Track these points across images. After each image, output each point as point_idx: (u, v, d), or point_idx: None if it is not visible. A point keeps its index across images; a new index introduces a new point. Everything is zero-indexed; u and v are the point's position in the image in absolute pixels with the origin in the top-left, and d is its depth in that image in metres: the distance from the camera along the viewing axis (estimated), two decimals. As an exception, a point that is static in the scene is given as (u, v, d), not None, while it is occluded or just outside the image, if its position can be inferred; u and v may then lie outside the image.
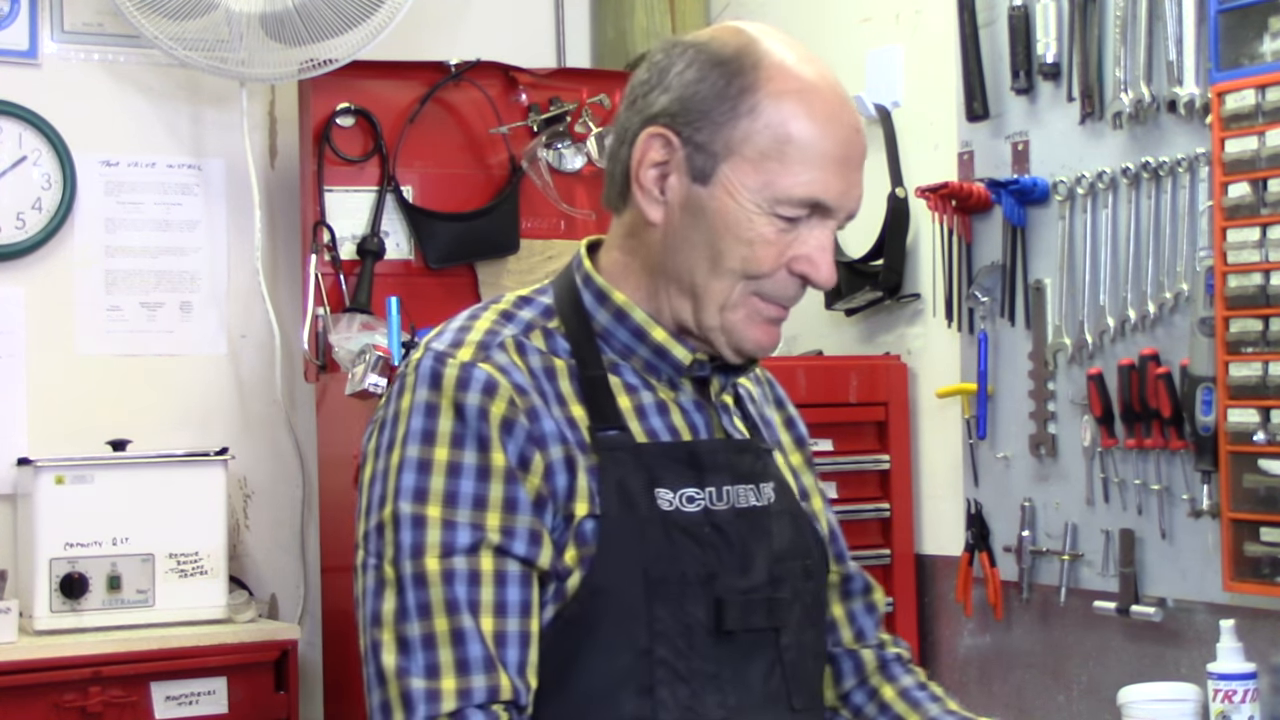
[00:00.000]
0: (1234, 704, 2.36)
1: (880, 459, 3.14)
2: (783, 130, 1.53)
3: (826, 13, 3.45)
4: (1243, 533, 2.42)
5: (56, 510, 3.15)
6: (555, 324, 1.59)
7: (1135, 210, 2.66)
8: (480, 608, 1.46)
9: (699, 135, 1.54)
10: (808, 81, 1.55)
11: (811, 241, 1.55)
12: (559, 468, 1.50)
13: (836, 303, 3.28)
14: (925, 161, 3.13)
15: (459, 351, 1.52)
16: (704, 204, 1.55)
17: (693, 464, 1.56)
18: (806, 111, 1.53)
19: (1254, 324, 2.39)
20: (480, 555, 1.47)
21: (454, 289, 3.61)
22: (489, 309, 1.60)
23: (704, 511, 1.54)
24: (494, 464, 1.48)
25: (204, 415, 3.58)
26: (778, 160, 1.53)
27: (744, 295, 1.56)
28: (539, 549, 1.48)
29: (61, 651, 3.04)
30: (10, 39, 3.45)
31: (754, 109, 1.53)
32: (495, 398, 1.50)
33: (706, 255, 1.55)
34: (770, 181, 1.53)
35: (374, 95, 3.59)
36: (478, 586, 1.46)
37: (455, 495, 1.48)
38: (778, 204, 1.53)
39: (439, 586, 1.45)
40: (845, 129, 1.55)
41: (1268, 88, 2.37)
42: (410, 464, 1.49)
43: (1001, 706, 2.95)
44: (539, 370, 1.54)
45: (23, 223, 3.43)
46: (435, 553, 1.46)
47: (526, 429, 1.50)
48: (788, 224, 1.54)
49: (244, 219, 3.59)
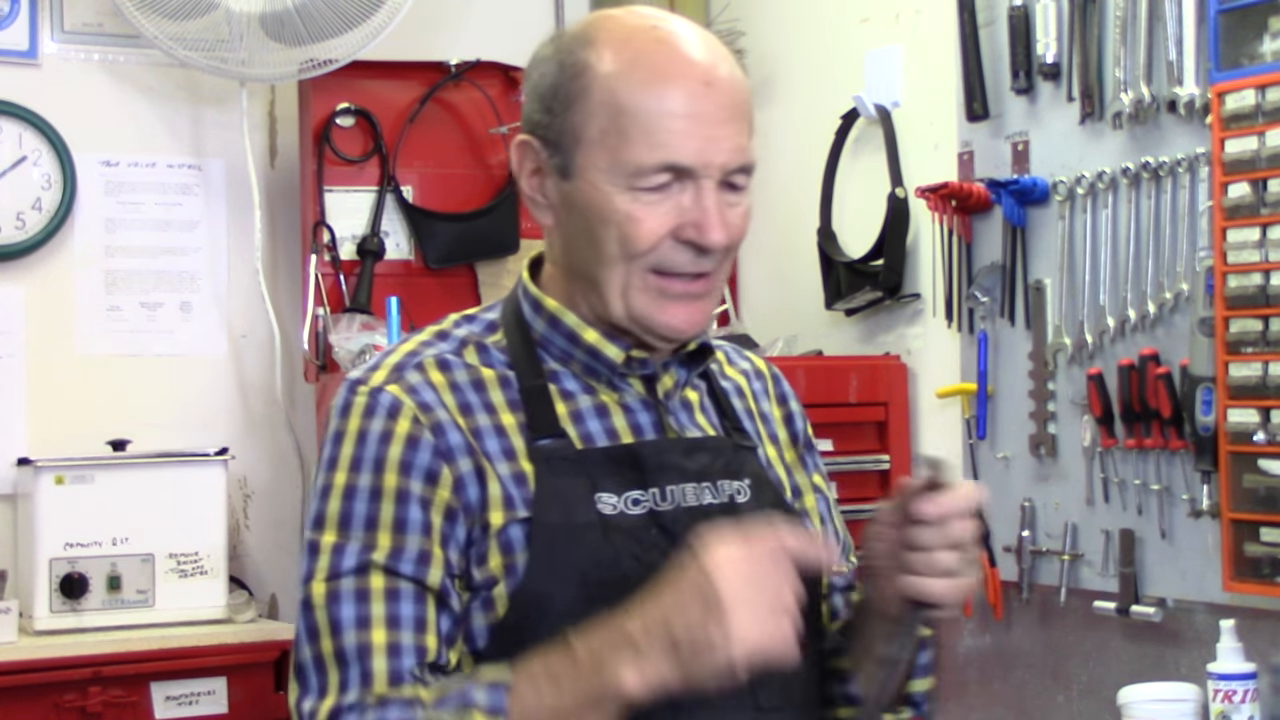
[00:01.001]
0: (1234, 704, 2.36)
1: (880, 459, 3.14)
2: (613, 103, 1.51)
3: (826, 13, 3.45)
4: (1243, 533, 2.42)
5: (56, 510, 3.15)
6: (497, 338, 1.60)
7: (1135, 210, 2.66)
8: (371, 622, 1.47)
9: (551, 132, 1.55)
10: (638, 47, 1.53)
11: (688, 205, 1.51)
12: (469, 479, 1.50)
13: (836, 303, 3.29)
14: (925, 161, 3.13)
15: (372, 377, 1.55)
16: (574, 198, 1.54)
17: (635, 466, 1.54)
18: (637, 78, 1.51)
19: (1254, 324, 2.39)
20: (369, 575, 1.48)
21: (454, 289, 3.61)
22: (427, 330, 1.63)
23: (649, 513, 1.52)
24: (386, 485, 1.50)
25: (204, 415, 3.58)
26: (616, 135, 1.50)
27: (641, 277, 1.53)
28: (427, 569, 1.48)
29: (61, 652, 3.04)
30: (10, 39, 3.45)
31: (585, 90, 1.52)
32: (399, 418, 1.51)
33: (590, 246, 1.54)
34: (616, 158, 1.50)
35: (374, 95, 3.60)
36: (367, 603, 1.47)
37: (349, 517, 1.50)
38: (631, 178, 1.50)
39: (323, 609, 1.47)
40: (689, 84, 1.51)
41: (1268, 88, 2.38)
42: (315, 492, 1.53)
43: (1001, 706, 2.96)
44: (464, 384, 1.55)
45: (23, 223, 3.43)
46: (322, 576, 1.48)
47: (432, 444, 1.50)
48: (655, 195, 1.51)
49: (244, 219, 3.59)
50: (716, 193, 1.52)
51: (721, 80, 1.53)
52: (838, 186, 3.34)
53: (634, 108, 1.50)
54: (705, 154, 1.51)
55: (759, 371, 1.77)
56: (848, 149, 3.34)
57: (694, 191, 1.51)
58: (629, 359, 1.58)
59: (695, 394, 1.66)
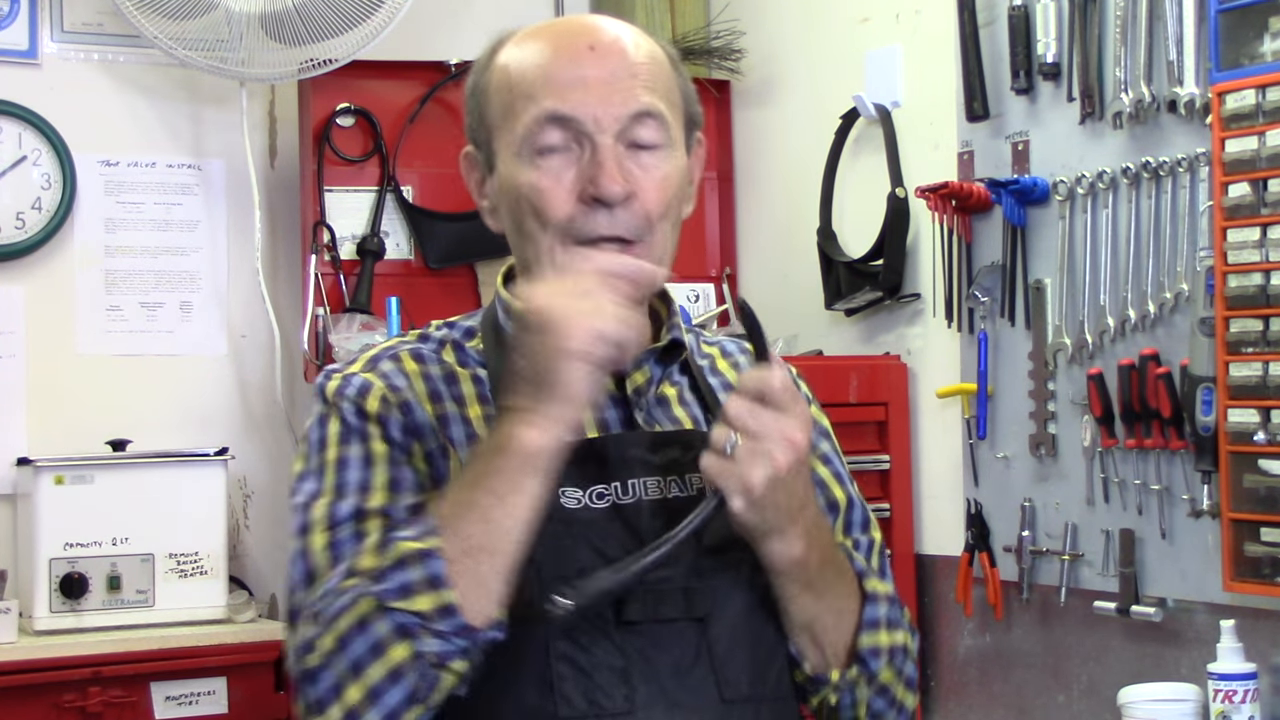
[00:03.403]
0: (1234, 704, 2.36)
1: (880, 459, 3.14)
2: (504, 81, 1.57)
3: (826, 13, 3.45)
4: (1243, 533, 2.42)
5: (56, 510, 3.15)
6: (474, 342, 1.64)
7: (1135, 210, 2.66)
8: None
9: (476, 133, 1.62)
10: (538, 33, 1.59)
11: (588, 162, 1.53)
12: (436, 456, 1.55)
13: (836, 303, 3.29)
14: (925, 161, 3.12)
15: (347, 367, 1.62)
16: (498, 188, 1.60)
17: (598, 460, 1.55)
18: (523, 53, 1.57)
19: (1254, 324, 2.39)
20: (367, 520, 1.51)
21: (454, 289, 3.61)
22: (411, 333, 1.69)
23: (612, 507, 1.54)
24: (375, 451, 1.54)
25: (204, 415, 3.58)
26: (510, 108, 1.56)
27: (565, 250, 1.55)
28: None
29: (61, 651, 3.04)
30: (10, 39, 3.46)
31: (489, 81, 1.59)
32: (369, 396, 1.57)
33: (517, 232, 1.58)
34: (512, 130, 1.55)
35: (374, 95, 3.60)
36: (364, 543, 1.49)
37: (343, 486, 1.54)
38: (525, 144, 1.54)
39: (322, 553, 1.50)
40: (572, 49, 1.55)
41: (1268, 88, 2.37)
42: (307, 474, 1.57)
43: (1001, 706, 2.96)
44: (436, 375, 1.60)
45: (23, 223, 3.44)
46: (321, 527, 1.52)
47: (401, 421, 1.56)
48: (555, 160, 1.53)
49: (244, 219, 3.59)
50: (615, 147, 1.54)
51: (612, 46, 1.56)
52: (838, 186, 3.34)
53: (520, 80, 1.55)
54: (589, 106, 1.53)
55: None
56: (848, 149, 3.34)
57: (591, 150, 1.54)
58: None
59: (674, 389, 1.66)
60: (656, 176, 1.56)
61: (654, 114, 1.56)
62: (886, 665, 1.63)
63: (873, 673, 1.62)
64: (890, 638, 1.63)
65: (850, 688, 1.62)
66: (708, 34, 3.71)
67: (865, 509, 1.76)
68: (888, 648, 1.63)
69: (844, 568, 1.62)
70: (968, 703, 3.04)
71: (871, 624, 1.62)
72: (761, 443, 1.45)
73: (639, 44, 1.58)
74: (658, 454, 1.57)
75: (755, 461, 1.45)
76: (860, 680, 1.62)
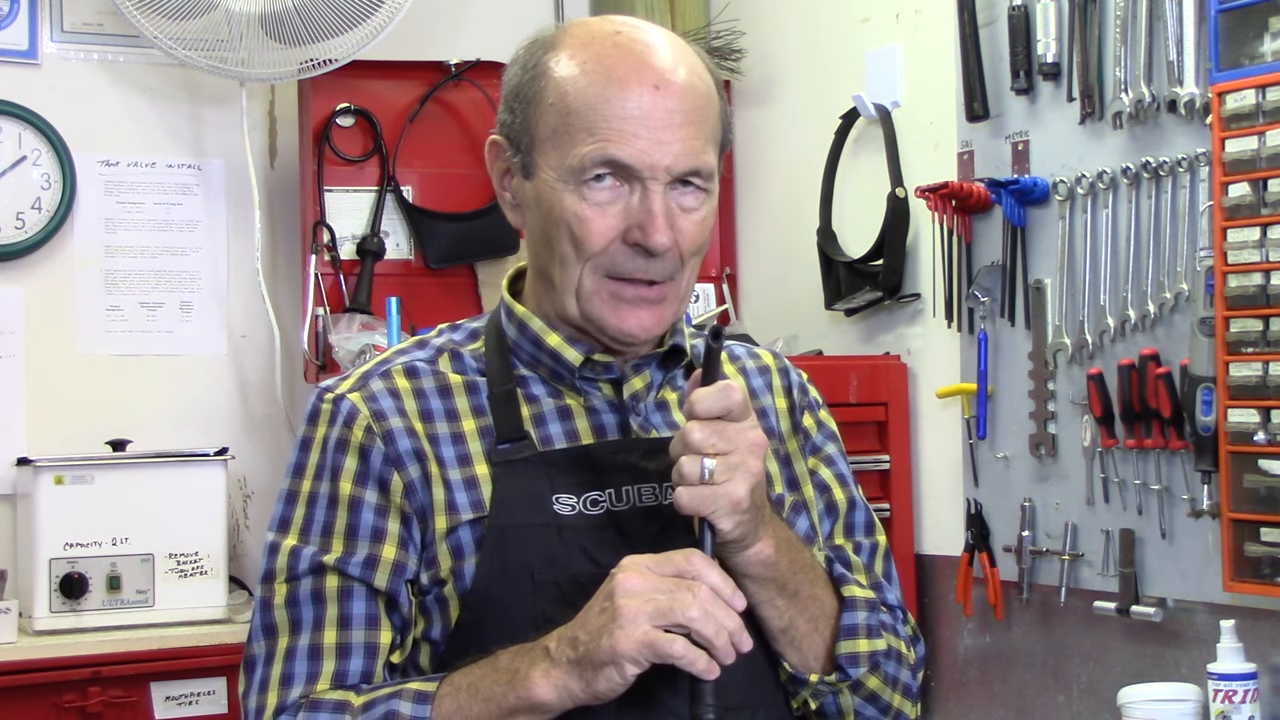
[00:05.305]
0: (1234, 704, 2.36)
1: (880, 459, 3.14)
2: (563, 103, 1.54)
3: (826, 13, 3.45)
4: (1243, 533, 2.42)
5: (56, 510, 3.15)
6: (476, 345, 1.64)
7: (1135, 210, 2.66)
8: (325, 623, 1.53)
9: (514, 132, 1.59)
10: (595, 50, 1.55)
11: (637, 207, 1.53)
12: (418, 485, 1.55)
13: (836, 303, 3.29)
14: (925, 161, 3.12)
15: (340, 385, 1.62)
16: (534, 197, 1.58)
17: (592, 467, 1.56)
18: (586, 79, 1.53)
19: (1254, 324, 2.39)
20: (325, 576, 1.54)
21: (454, 289, 3.61)
22: (412, 340, 1.69)
23: (606, 513, 1.54)
24: (341, 493, 1.56)
25: (204, 415, 3.58)
26: (564, 133, 1.53)
27: (595, 279, 1.55)
28: (374, 572, 1.54)
29: (61, 652, 3.04)
30: (10, 39, 3.46)
31: (541, 92, 1.56)
32: (353, 426, 1.57)
33: (546, 247, 1.57)
34: (563, 156, 1.53)
35: (374, 95, 3.60)
36: (323, 604, 1.53)
37: (309, 523, 1.57)
38: (575, 176, 1.52)
39: (282, 610, 1.54)
40: (637, 86, 1.52)
41: (1268, 88, 2.37)
42: (280, 496, 1.61)
43: (1001, 706, 2.96)
44: (430, 390, 1.60)
45: (22, 223, 3.44)
46: (282, 577, 1.55)
47: (383, 452, 1.56)
48: (603, 195, 1.52)
49: (244, 219, 3.59)
50: (665, 196, 1.53)
51: (674, 85, 1.54)
52: (838, 186, 3.34)
53: (580, 107, 1.53)
54: (649, 155, 1.52)
55: (764, 367, 1.76)
56: (848, 149, 3.34)
57: (641, 194, 1.53)
58: (590, 361, 1.60)
59: (675, 395, 1.66)
60: (696, 219, 1.57)
61: (707, 172, 1.56)
62: (870, 672, 1.62)
63: (855, 680, 1.61)
64: (871, 644, 1.62)
65: (833, 694, 1.61)
66: (708, 34, 3.70)
67: (869, 512, 1.76)
68: (868, 654, 1.61)
69: (817, 571, 1.62)
70: (968, 703, 3.04)
71: (849, 631, 1.61)
72: (734, 456, 1.45)
73: (695, 84, 1.56)
74: (653, 461, 1.58)
75: (735, 476, 1.45)
76: (842, 687, 1.61)
